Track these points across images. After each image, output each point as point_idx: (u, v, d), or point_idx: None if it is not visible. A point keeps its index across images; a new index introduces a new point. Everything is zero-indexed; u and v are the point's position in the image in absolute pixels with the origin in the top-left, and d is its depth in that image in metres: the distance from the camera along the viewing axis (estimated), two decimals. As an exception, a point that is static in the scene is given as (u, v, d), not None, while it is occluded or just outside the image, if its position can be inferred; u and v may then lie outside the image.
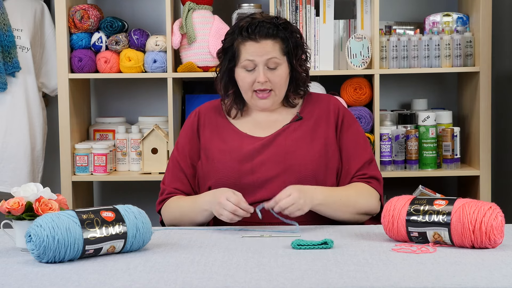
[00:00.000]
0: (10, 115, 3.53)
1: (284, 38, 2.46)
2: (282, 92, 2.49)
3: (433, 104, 3.89)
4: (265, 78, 2.43)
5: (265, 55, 2.43)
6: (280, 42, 2.46)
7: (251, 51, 2.44)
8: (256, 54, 2.43)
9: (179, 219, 2.45)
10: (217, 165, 2.47)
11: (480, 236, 2.00)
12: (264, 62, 2.44)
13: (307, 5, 3.55)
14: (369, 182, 2.48)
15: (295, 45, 2.48)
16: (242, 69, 2.46)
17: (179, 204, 2.47)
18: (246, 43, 2.45)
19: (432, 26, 3.64)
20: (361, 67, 3.53)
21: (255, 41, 2.44)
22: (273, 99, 2.48)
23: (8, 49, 3.46)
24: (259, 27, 2.44)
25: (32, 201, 2.07)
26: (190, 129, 2.57)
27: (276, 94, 2.47)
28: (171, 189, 2.52)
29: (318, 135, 2.50)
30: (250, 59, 2.44)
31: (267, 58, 2.43)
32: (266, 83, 2.45)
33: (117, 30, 3.61)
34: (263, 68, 2.44)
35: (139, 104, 3.93)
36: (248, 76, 2.45)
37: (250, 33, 2.43)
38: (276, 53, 2.44)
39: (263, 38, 2.44)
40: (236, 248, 2.07)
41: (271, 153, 2.46)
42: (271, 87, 2.46)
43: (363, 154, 2.51)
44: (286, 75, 2.47)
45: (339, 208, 2.39)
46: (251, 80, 2.45)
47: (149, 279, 1.78)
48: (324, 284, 1.72)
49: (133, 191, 3.93)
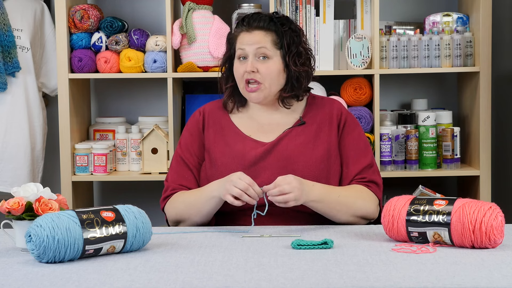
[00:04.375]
0: (10, 115, 3.53)
1: (277, 32, 2.47)
2: (273, 86, 2.48)
3: (433, 104, 3.89)
4: (252, 67, 2.45)
5: (255, 45, 2.46)
6: (274, 35, 2.48)
7: (243, 40, 2.48)
8: (247, 43, 2.47)
9: (184, 212, 2.43)
10: (220, 169, 2.46)
11: (480, 236, 2.00)
12: (253, 52, 2.46)
13: (307, 5, 3.55)
14: (368, 186, 2.47)
15: (291, 41, 2.48)
16: (237, 60, 2.50)
17: (184, 197, 2.46)
18: (240, 34, 2.50)
19: (432, 26, 3.64)
20: (361, 67, 3.53)
21: (248, 31, 2.48)
22: (263, 92, 2.47)
23: (8, 49, 3.46)
24: (253, 18, 2.49)
25: (32, 201, 2.07)
26: (195, 127, 2.56)
27: (266, 87, 2.47)
28: (175, 185, 2.50)
29: (320, 140, 2.50)
30: (242, 48, 2.48)
31: (256, 47, 2.46)
32: (254, 74, 2.46)
33: (117, 30, 3.61)
34: (252, 58, 2.46)
35: (139, 104, 3.94)
36: (240, 66, 2.48)
37: (245, 24, 2.49)
38: (266, 44, 2.46)
39: (255, 29, 2.48)
40: (236, 248, 2.07)
41: (274, 158, 2.46)
42: (260, 79, 2.46)
43: (364, 159, 2.50)
44: (278, 69, 2.47)
45: (335, 207, 2.38)
46: (242, 70, 2.47)
47: (149, 279, 1.78)
48: (324, 284, 1.72)
49: (133, 191, 3.93)
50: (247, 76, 2.46)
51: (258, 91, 2.47)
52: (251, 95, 2.48)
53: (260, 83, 2.46)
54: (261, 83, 2.46)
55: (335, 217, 2.40)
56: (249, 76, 2.46)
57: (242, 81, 2.48)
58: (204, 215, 2.41)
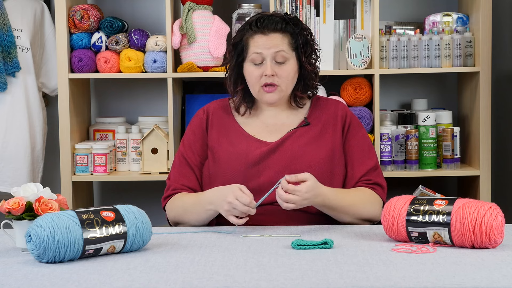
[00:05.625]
0: (10, 115, 3.53)
1: (293, 33, 2.46)
2: (289, 88, 2.48)
3: (433, 104, 3.89)
4: (272, 71, 2.42)
5: (273, 48, 2.43)
6: (289, 36, 2.46)
7: (259, 44, 2.44)
8: (264, 46, 2.43)
9: (182, 216, 2.44)
10: (223, 167, 2.46)
11: (480, 236, 2.00)
12: (272, 55, 2.43)
13: (307, 5, 3.55)
14: (373, 189, 2.48)
15: (305, 41, 2.47)
16: (250, 63, 2.46)
17: (183, 201, 2.45)
18: (254, 36, 2.45)
19: (432, 26, 3.64)
20: (361, 67, 3.53)
21: (264, 33, 2.44)
22: (280, 94, 2.47)
23: (8, 49, 3.46)
24: (267, 20, 2.45)
25: (32, 201, 2.07)
26: (199, 126, 2.56)
27: (283, 90, 2.46)
28: (177, 185, 2.50)
29: (325, 141, 2.50)
30: (258, 51, 2.44)
31: (275, 51, 2.43)
32: (273, 77, 2.43)
33: (117, 30, 3.61)
34: (270, 62, 2.43)
35: (139, 104, 3.93)
36: (255, 70, 2.45)
37: (260, 27, 2.44)
38: (284, 46, 2.44)
39: (271, 31, 2.44)
40: (236, 248, 2.07)
41: (277, 158, 2.46)
42: (278, 82, 2.45)
43: (368, 161, 2.50)
44: (294, 71, 2.47)
45: (343, 211, 2.39)
46: (258, 74, 2.44)
47: (149, 279, 1.78)
48: (324, 284, 1.72)
49: (133, 191, 3.93)
50: (266, 80, 2.44)
51: (275, 92, 2.45)
52: (267, 96, 2.46)
53: (277, 86, 2.45)
54: (278, 85, 2.45)
55: (341, 218, 2.41)
56: (268, 80, 2.44)
57: (257, 85, 2.46)
58: (201, 221, 2.41)
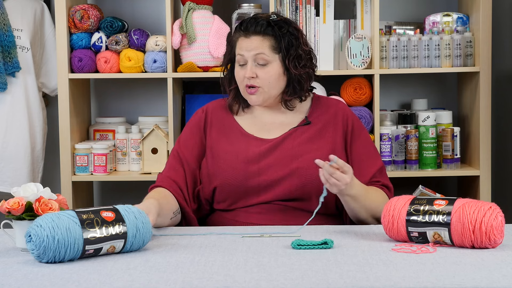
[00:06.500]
0: (10, 115, 3.53)
1: (276, 36, 2.46)
2: (272, 90, 2.48)
3: (433, 104, 3.89)
4: (252, 73, 2.46)
5: (253, 51, 2.46)
6: (272, 39, 2.47)
7: (242, 46, 2.48)
8: (246, 49, 2.47)
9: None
10: (223, 166, 2.47)
11: (480, 236, 2.00)
12: (252, 58, 2.46)
13: (307, 5, 3.55)
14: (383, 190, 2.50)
15: (289, 44, 2.47)
16: (237, 64, 2.50)
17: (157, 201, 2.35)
18: (239, 39, 2.50)
19: (432, 26, 3.64)
20: (361, 67, 3.53)
21: (246, 36, 2.48)
22: (263, 95, 2.48)
23: (8, 49, 3.46)
24: (250, 23, 2.48)
25: (32, 201, 2.07)
26: (196, 126, 2.57)
27: (265, 91, 2.47)
28: (164, 177, 2.51)
29: (325, 140, 2.50)
30: (241, 53, 2.48)
31: (255, 54, 2.46)
32: (254, 79, 2.46)
33: (117, 30, 3.61)
34: (251, 64, 2.46)
35: (139, 104, 3.94)
36: (240, 71, 2.49)
37: (243, 29, 2.49)
38: (264, 49, 2.46)
39: (252, 34, 2.47)
40: (236, 248, 2.07)
41: (277, 156, 2.46)
42: (259, 84, 2.46)
43: (375, 162, 2.52)
44: (277, 73, 2.47)
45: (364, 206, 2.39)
46: (242, 75, 2.48)
47: (149, 279, 1.78)
48: (324, 284, 1.72)
49: (133, 191, 3.93)
50: (247, 82, 2.47)
51: (257, 94, 2.48)
52: (251, 97, 2.49)
53: (258, 87, 2.47)
54: (259, 87, 2.47)
55: (358, 215, 2.41)
56: (249, 82, 2.47)
57: (242, 85, 2.49)
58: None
